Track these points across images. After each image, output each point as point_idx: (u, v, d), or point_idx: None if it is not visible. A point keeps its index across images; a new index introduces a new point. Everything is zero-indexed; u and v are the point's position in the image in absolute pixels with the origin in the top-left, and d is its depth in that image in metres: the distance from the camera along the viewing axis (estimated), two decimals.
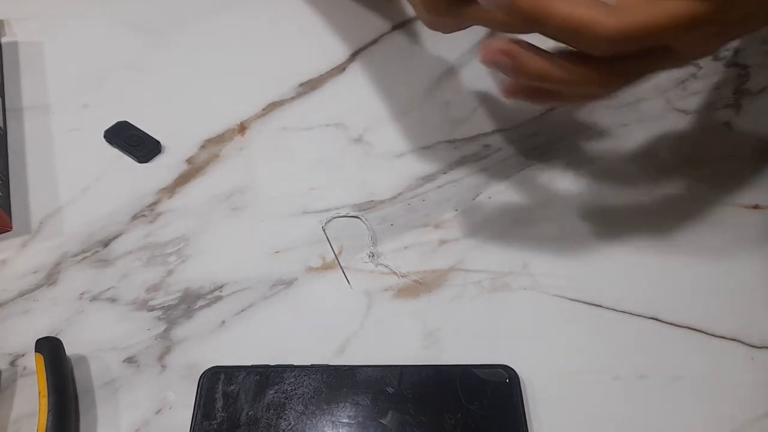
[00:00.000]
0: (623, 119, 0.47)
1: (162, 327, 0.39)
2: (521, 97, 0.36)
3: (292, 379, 0.35)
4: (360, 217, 0.43)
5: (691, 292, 0.39)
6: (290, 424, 0.34)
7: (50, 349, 0.36)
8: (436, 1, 0.36)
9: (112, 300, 0.40)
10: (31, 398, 0.36)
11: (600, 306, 0.39)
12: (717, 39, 0.34)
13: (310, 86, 0.51)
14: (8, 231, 0.43)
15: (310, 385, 0.35)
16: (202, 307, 0.39)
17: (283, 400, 0.35)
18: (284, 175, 0.46)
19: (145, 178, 0.46)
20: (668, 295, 0.39)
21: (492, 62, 0.33)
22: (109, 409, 0.36)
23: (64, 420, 0.34)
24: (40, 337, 0.36)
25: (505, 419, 0.34)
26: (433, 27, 0.39)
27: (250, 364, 0.36)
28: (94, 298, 0.40)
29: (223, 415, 0.34)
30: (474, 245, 0.42)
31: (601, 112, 0.48)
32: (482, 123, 0.48)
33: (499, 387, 0.35)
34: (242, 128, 0.49)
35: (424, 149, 0.47)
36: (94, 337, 0.38)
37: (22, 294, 0.40)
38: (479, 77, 0.50)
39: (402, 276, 0.40)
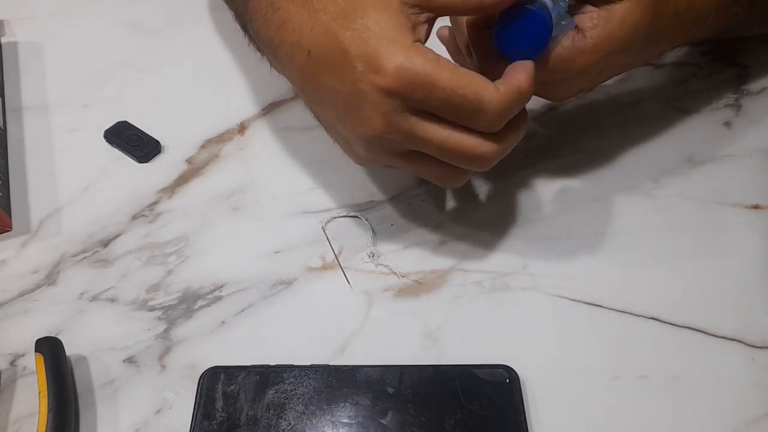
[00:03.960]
0: (623, 119, 0.47)
1: (162, 327, 0.39)
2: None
3: (292, 379, 0.35)
4: (360, 217, 0.43)
5: (691, 292, 0.39)
6: (290, 424, 0.34)
7: (50, 349, 0.36)
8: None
9: (112, 300, 0.40)
10: (31, 398, 0.36)
11: (600, 306, 0.39)
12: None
13: None
14: (8, 231, 0.43)
15: (310, 385, 0.35)
16: (202, 307, 0.39)
17: (283, 400, 0.35)
18: (284, 175, 0.46)
19: (145, 178, 0.46)
20: (668, 295, 0.39)
21: None
22: (108, 409, 0.36)
23: (64, 420, 0.34)
24: (40, 337, 0.36)
25: (505, 419, 0.34)
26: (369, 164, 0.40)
27: (250, 364, 0.36)
28: (94, 298, 0.40)
29: (223, 415, 0.34)
30: (474, 245, 0.42)
31: (601, 112, 0.48)
32: None
33: (499, 387, 0.35)
34: (242, 128, 0.49)
35: None
36: (94, 337, 0.38)
37: (22, 294, 0.40)
38: None
39: (402, 276, 0.40)
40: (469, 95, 0.31)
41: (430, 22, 0.34)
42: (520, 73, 0.33)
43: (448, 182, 0.36)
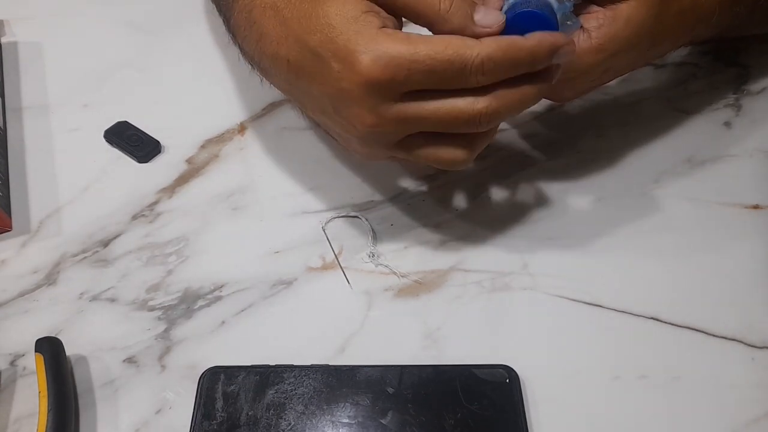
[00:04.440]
0: (623, 119, 0.47)
1: (162, 327, 0.39)
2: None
3: (292, 379, 0.35)
4: (360, 217, 0.43)
5: (691, 292, 0.39)
6: (290, 424, 0.34)
7: (50, 349, 0.36)
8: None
9: (112, 300, 0.40)
10: (31, 398, 0.36)
11: (600, 306, 0.39)
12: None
13: None
14: (8, 231, 0.43)
15: (310, 385, 0.35)
16: (202, 307, 0.39)
17: (283, 400, 0.35)
18: (284, 175, 0.46)
19: (145, 178, 0.46)
20: (668, 295, 0.39)
21: None
22: (109, 409, 0.36)
23: (64, 420, 0.34)
24: (40, 337, 0.36)
25: (505, 419, 0.34)
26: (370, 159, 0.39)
27: (250, 364, 0.36)
28: (94, 298, 0.40)
29: (223, 415, 0.34)
30: (474, 245, 0.42)
31: (601, 112, 0.48)
32: None
33: (499, 387, 0.35)
34: (242, 128, 0.49)
35: None
36: (94, 337, 0.38)
37: (22, 294, 0.40)
38: None
39: (402, 276, 0.40)
40: (450, 56, 0.30)
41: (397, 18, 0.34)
42: (532, 35, 0.32)
43: (454, 160, 0.35)
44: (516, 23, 0.33)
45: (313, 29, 0.32)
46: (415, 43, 0.31)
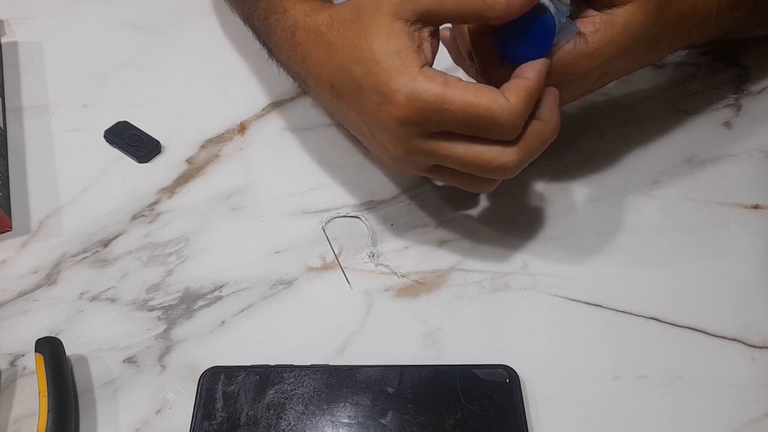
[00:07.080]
0: (623, 119, 0.47)
1: (162, 327, 0.39)
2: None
3: (292, 379, 0.35)
4: (360, 217, 0.43)
5: (691, 292, 0.39)
6: (290, 424, 0.34)
7: (50, 349, 0.36)
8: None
9: (112, 300, 0.40)
10: (31, 398, 0.36)
11: (600, 306, 0.39)
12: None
13: None
14: (8, 231, 0.43)
15: (310, 385, 0.35)
16: (202, 307, 0.39)
17: (283, 400, 0.35)
18: (284, 175, 0.46)
19: (145, 178, 0.46)
20: (668, 295, 0.39)
21: None
22: (109, 409, 0.36)
23: (64, 420, 0.34)
24: (40, 337, 0.36)
25: (505, 419, 0.34)
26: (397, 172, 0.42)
27: (250, 364, 0.36)
28: (94, 298, 0.40)
29: (223, 415, 0.34)
30: (474, 245, 0.42)
31: (601, 112, 0.48)
32: None
33: (499, 387, 0.35)
34: (242, 128, 0.49)
35: None
36: (94, 337, 0.38)
37: (22, 294, 0.40)
38: None
39: (402, 276, 0.40)
40: (480, 111, 0.32)
41: (435, 35, 0.35)
42: (527, 72, 0.34)
43: (478, 189, 0.38)
44: (516, 24, 0.33)
45: (357, 60, 0.34)
46: (452, 89, 0.32)
